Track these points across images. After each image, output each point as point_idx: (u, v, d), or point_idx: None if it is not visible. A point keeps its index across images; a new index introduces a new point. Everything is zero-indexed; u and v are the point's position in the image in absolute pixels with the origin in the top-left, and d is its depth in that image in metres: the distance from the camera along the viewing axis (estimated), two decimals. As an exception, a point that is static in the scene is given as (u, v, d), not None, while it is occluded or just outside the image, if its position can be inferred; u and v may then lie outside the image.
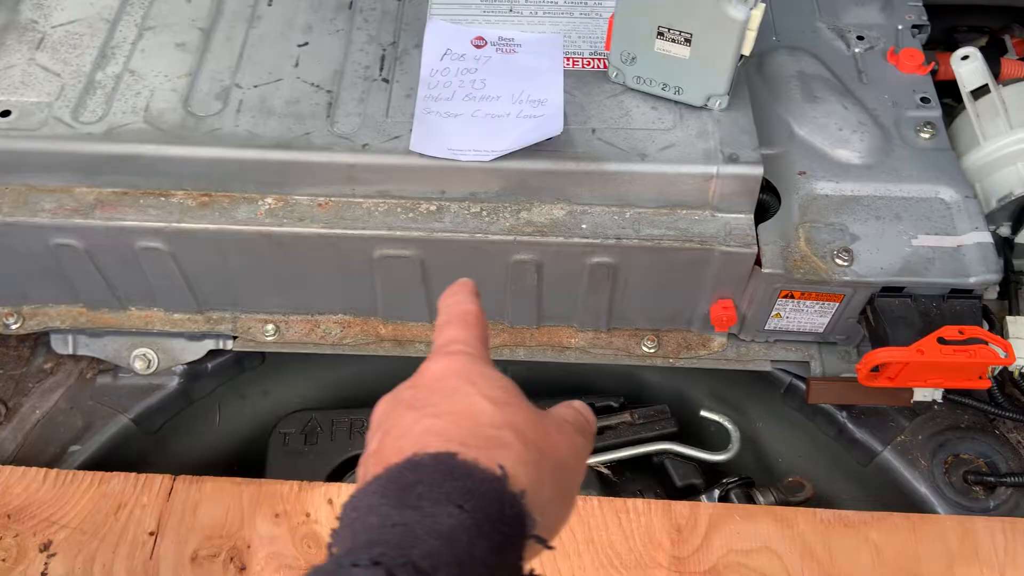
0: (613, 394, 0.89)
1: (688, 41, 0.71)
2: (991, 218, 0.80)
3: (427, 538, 0.34)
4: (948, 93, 0.90)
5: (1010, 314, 0.79)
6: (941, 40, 1.10)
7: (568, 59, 0.80)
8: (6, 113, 0.73)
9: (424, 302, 0.80)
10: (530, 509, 0.37)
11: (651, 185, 0.73)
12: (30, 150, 0.71)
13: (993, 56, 1.06)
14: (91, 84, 0.75)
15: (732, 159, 0.72)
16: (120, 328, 0.82)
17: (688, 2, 0.68)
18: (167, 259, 0.75)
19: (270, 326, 0.82)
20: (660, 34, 0.72)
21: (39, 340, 0.85)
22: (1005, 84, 0.83)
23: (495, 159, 0.71)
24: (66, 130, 0.72)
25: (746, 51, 0.71)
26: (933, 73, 0.93)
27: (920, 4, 0.90)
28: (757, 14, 0.68)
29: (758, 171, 0.72)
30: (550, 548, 0.39)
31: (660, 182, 0.73)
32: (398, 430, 0.40)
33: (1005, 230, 0.81)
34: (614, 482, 0.83)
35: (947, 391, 0.78)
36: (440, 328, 0.47)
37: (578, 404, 0.47)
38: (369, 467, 0.40)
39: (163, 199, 0.74)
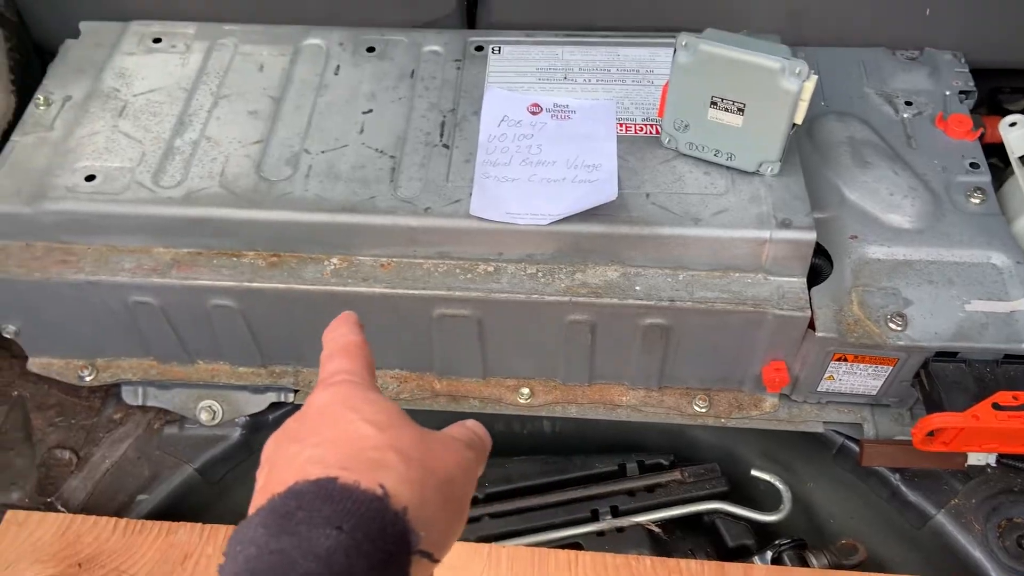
0: (663, 452, 0.90)
1: (741, 111, 0.73)
2: (1044, 283, 0.80)
3: (304, 561, 0.34)
4: (995, 153, 0.91)
5: (1066, 378, 0.79)
6: (985, 100, 1.11)
7: (621, 125, 0.82)
8: (91, 178, 0.77)
9: (479, 359, 0.82)
10: (414, 525, 0.38)
11: (704, 249, 0.75)
12: (113, 213, 0.76)
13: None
14: (170, 150, 0.80)
15: (785, 224, 0.73)
16: (188, 380, 0.85)
17: (742, 75, 0.71)
18: (237, 316, 0.78)
19: (330, 381, 0.84)
20: (713, 104, 0.74)
21: (110, 391, 0.88)
22: (1054, 150, 0.84)
23: (551, 223, 0.74)
24: (147, 194, 0.76)
25: (798, 120, 0.73)
26: (981, 137, 0.94)
27: (967, 70, 0.91)
28: (809, 85, 0.70)
29: (811, 236, 0.73)
30: (436, 562, 0.39)
31: (713, 246, 0.75)
32: (282, 462, 0.41)
33: (1058, 295, 0.81)
34: (665, 541, 0.84)
35: (1001, 455, 0.78)
36: (324, 361, 0.47)
37: (470, 423, 0.48)
38: (256, 501, 0.40)
39: (235, 259, 0.77)
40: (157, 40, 0.90)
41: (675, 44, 0.73)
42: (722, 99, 0.73)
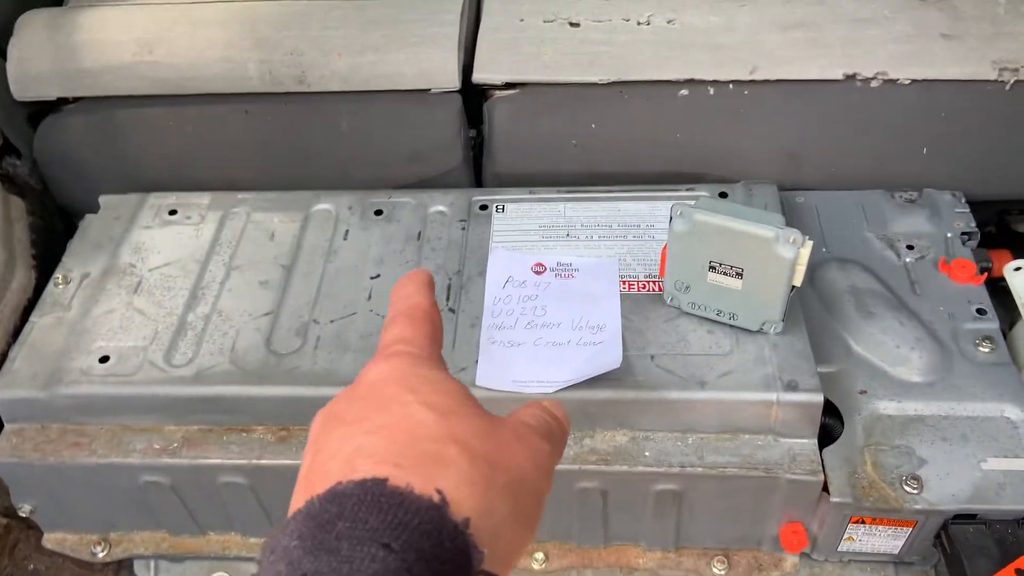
0: (684, 608, 0.87)
1: (740, 275, 0.74)
2: (1062, 431, 0.79)
3: None
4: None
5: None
6: (994, 222, 1.12)
7: (624, 282, 0.83)
8: (105, 359, 0.79)
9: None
10: (476, 540, 0.32)
11: (712, 412, 0.74)
12: (125, 395, 0.77)
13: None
14: (183, 326, 0.82)
15: (791, 387, 0.73)
16: (199, 553, 0.85)
17: (737, 242, 0.72)
18: (247, 491, 0.78)
19: (341, 549, 0.83)
20: (712, 268, 0.75)
21: (122, 564, 0.88)
22: (1061, 293, 0.83)
23: (557, 390, 0.74)
24: (159, 374, 0.78)
25: (797, 283, 0.73)
26: (988, 270, 0.94)
27: (967, 211, 0.92)
28: (805, 252, 0.71)
29: (818, 398, 0.73)
30: None
31: (721, 409, 0.74)
32: (327, 451, 0.35)
33: (1077, 443, 0.79)
34: None
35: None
36: (386, 326, 0.41)
37: (548, 403, 0.41)
38: (296, 497, 0.35)
39: (244, 435, 0.78)
40: (173, 212, 0.93)
41: (670, 211, 0.74)
42: (720, 264, 0.74)
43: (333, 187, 1.01)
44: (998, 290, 0.90)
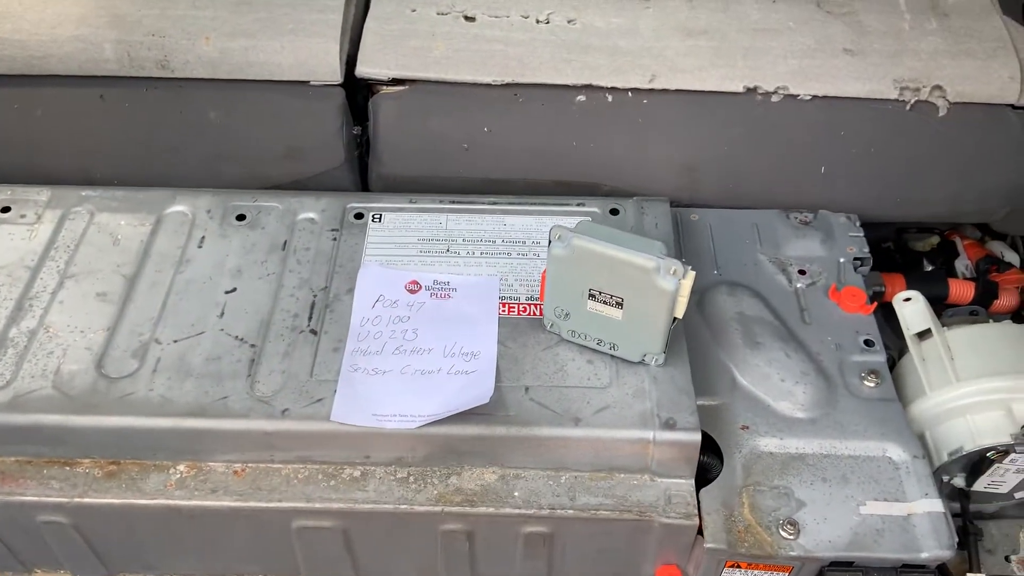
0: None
1: (620, 304, 0.69)
2: (944, 469, 0.77)
3: None
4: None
5: (971, 570, 0.75)
6: (892, 240, 1.11)
7: (504, 304, 0.78)
8: (-94, 380, 0.69)
9: (350, 566, 0.74)
10: None
11: (586, 449, 0.70)
12: (-74, 423, 0.68)
13: (945, 261, 1.07)
14: (2, 342, 0.72)
15: (669, 425, 0.69)
16: (21, 594, 0.76)
17: (617, 271, 0.67)
18: (70, 530, 0.70)
19: (184, 590, 0.76)
20: (591, 296, 0.70)
21: (-68, 606, 0.79)
22: (950, 327, 0.81)
23: (421, 425, 0.68)
24: (-33, 400, 0.68)
25: (679, 314, 0.69)
26: (880, 294, 0.92)
27: (861, 235, 0.90)
28: (687, 283, 0.67)
29: (695, 438, 0.69)
30: None
31: (596, 446, 0.69)
32: None
33: (960, 481, 0.78)
34: None
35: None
36: None
37: None
38: None
39: (68, 468, 0.69)
40: (5, 209, 0.83)
41: (549, 234, 0.69)
42: (600, 292, 0.69)
43: (199, 185, 0.92)
44: (891, 315, 0.88)
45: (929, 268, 1.09)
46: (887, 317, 0.90)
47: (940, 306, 0.96)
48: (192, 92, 0.93)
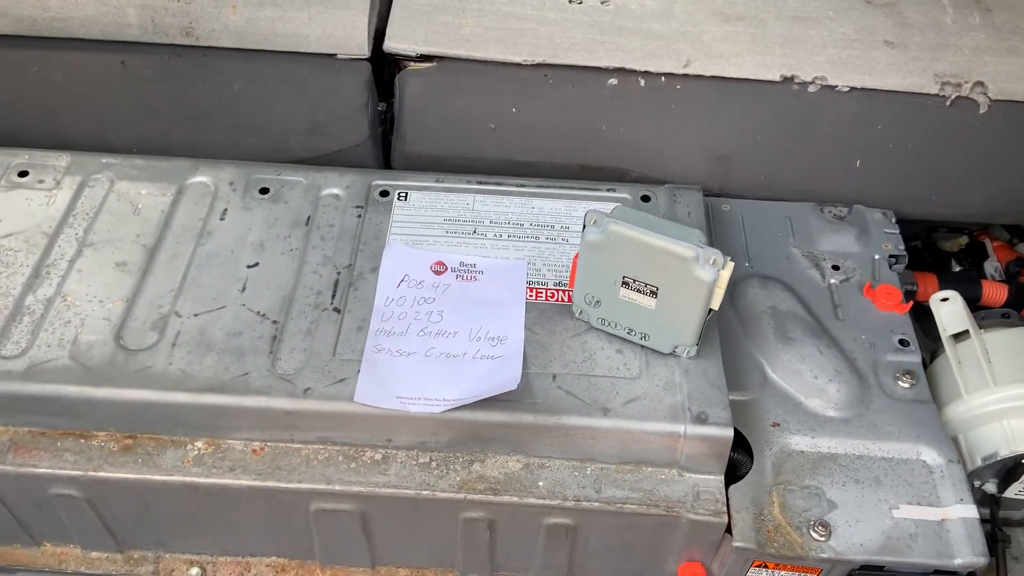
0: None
1: (654, 293, 0.67)
2: (976, 474, 0.75)
3: None
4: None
5: (1000, 577, 0.74)
6: (921, 238, 1.08)
7: (531, 289, 0.76)
8: (-81, 344, 0.68)
9: (366, 550, 0.73)
10: None
11: (614, 441, 0.68)
12: (-61, 388, 0.66)
13: (974, 261, 1.05)
14: (19, 310, 0.71)
15: (700, 419, 0.67)
16: (31, 566, 0.74)
17: (653, 259, 0.65)
18: (83, 504, 0.68)
19: (195, 569, 0.74)
20: (625, 284, 0.68)
21: (-61, 575, 0.77)
22: (987, 329, 0.79)
23: (445, 410, 0.66)
24: (-18, 366, 0.67)
25: (715, 306, 0.67)
26: (912, 293, 0.90)
27: (896, 232, 0.88)
28: (726, 274, 0.65)
29: (728, 433, 0.67)
30: None
31: (624, 439, 0.68)
32: None
33: (991, 487, 0.76)
34: None
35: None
36: None
37: None
38: None
39: (83, 441, 0.68)
40: (23, 173, 0.81)
41: (584, 218, 0.67)
42: (634, 280, 0.67)
43: (222, 154, 0.90)
44: (922, 314, 0.86)
45: (957, 268, 1.07)
46: (916, 317, 0.88)
47: (971, 308, 0.94)
48: (216, 61, 0.90)
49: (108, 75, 0.91)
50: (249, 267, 0.76)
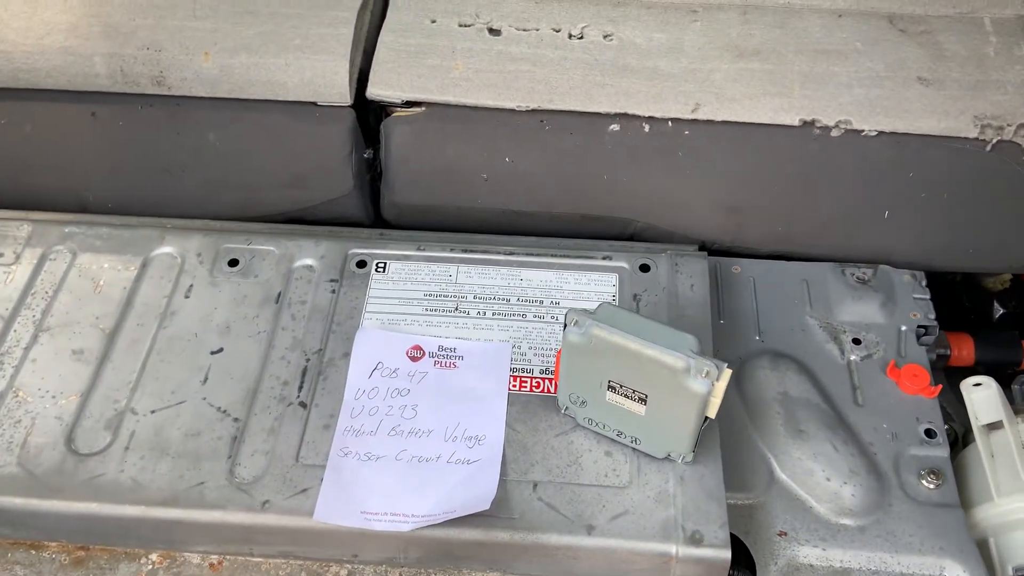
0: None
1: (643, 400, 0.61)
2: (1009, 584, 0.68)
3: None
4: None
5: None
6: (958, 275, 0.99)
7: (515, 378, 0.70)
8: None
9: (338, 660, 0.68)
10: None
11: (600, 561, 0.62)
12: None
13: (1017, 304, 0.96)
14: (-33, 408, 0.67)
15: (695, 540, 0.60)
16: (-7, 667, 0.71)
17: (641, 366, 0.58)
18: (36, 618, 0.65)
19: (162, 673, 0.71)
20: (611, 388, 0.61)
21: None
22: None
23: (415, 528, 0.61)
24: (-77, 479, 0.63)
25: (711, 415, 0.60)
26: (946, 357, 0.82)
27: (927, 298, 0.79)
28: (721, 384, 0.58)
29: (725, 556, 0.60)
30: None
31: (610, 558, 0.62)
32: None
33: (1026, 599, 0.69)
34: None
35: None
36: None
37: None
38: None
39: (33, 552, 0.64)
40: (-18, 246, 0.77)
41: (564, 318, 0.60)
42: (620, 385, 0.61)
43: (198, 208, 0.86)
44: (956, 379, 0.78)
45: (1000, 311, 0.98)
46: (951, 383, 0.80)
47: (1013, 371, 0.85)
48: (190, 111, 0.85)
49: (78, 127, 0.87)
50: (213, 353, 0.71)
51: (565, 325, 0.60)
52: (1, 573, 0.63)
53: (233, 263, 0.77)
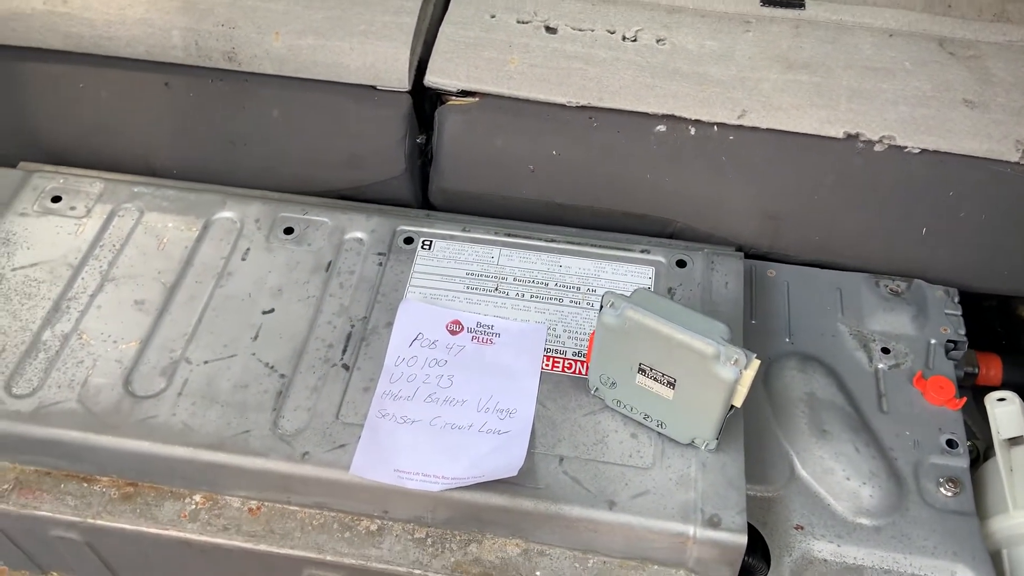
0: None
1: (672, 384, 0.63)
2: (1021, 596, 0.69)
3: None
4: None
5: None
6: (994, 296, 0.99)
7: (548, 358, 0.72)
8: (-64, 377, 0.69)
9: (361, 614, 0.72)
10: None
11: (619, 536, 0.64)
12: (-51, 424, 0.67)
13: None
14: (35, 345, 0.71)
15: (713, 523, 0.62)
16: (38, 593, 0.76)
17: (671, 351, 0.61)
18: (83, 547, 0.69)
19: (195, 613, 0.74)
20: (642, 371, 0.64)
21: (-46, 593, 0.79)
22: (1048, 434, 0.72)
23: (444, 489, 0.64)
24: (-7, 404, 0.67)
25: (737, 403, 0.62)
26: (974, 376, 0.83)
27: (958, 314, 0.80)
28: (750, 373, 0.60)
29: (741, 540, 0.62)
30: None
31: (629, 534, 0.64)
32: None
33: (1037, 612, 0.69)
34: None
35: None
36: None
37: None
38: None
39: (86, 485, 0.68)
40: (56, 199, 0.82)
41: (602, 299, 0.63)
42: (651, 368, 0.63)
43: (258, 181, 0.90)
44: (980, 395, 0.79)
45: (1032, 340, 0.98)
46: (978, 401, 0.81)
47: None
48: (257, 88, 0.89)
49: (152, 95, 0.91)
50: (264, 313, 0.74)
51: (601, 307, 0.63)
52: (53, 502, 0.67)
53: (288, 231, 0.80)
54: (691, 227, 0.88)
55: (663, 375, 0.63)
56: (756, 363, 0.60)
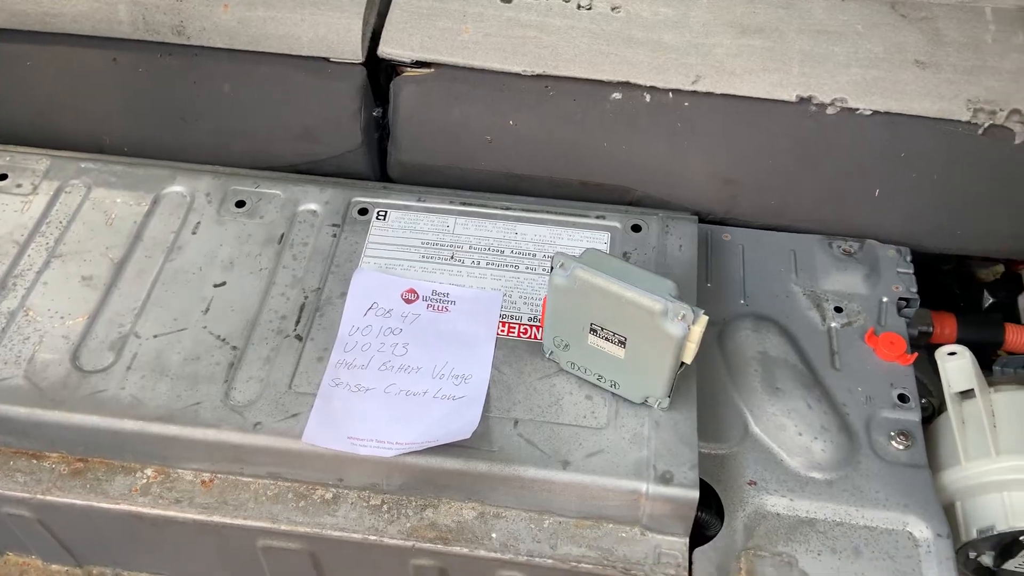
0: None
1: (623, 343, 0.63)
2: (972, 545, 0.70)
3: None
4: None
5: (992, 659, 0.69)
6: (951, 259, 1.01)
7: (504, 324, 0.72)
8: None
9: (320, 584, 0.71)
10: None
11: (573, 495, 0.64)
12: None
13: (1009, 294, 0.98)
14: (-20, 322, 0.70)
15: (665, 479, 0.63)
16: (-8, 575, 0.75)
17: (621, 309, 0.61)
18: (35, 524, 0.68)
19: (153, 589, 0.74)
20: (593, 331, 0.64)
21: (-94, 577, 0.78)
22: (999, 388, 0.73)
23: (398, 455, 0.64)
24: (-65, 384, 0.66)
25: (687, 360, 0.63)
26: (928, 335, 0.84)
27: (910, 273, 0.81)
28: (698, 329, 0.60)
29: (693, 495, 0.63)
30: None
31: (583, 494, 0.64)
32: None
33: (987, 559, 0.70)
34: None
35: None
36: None
37: None
38: None
39: (35, 462, 0.67)
40: (2, 177, 0.80)
41: (551, 260, 0.63)
42: (602, 328, 0.63)
43: (211, 157, 0.88)
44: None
45: (990, 301, 1.00)
46: (934, 360, 0.82)
47: (995, 352, 0.87)
48: (206, 61, 0.88)
49: (100, 72, 0.90)
50: (216, 286, 0.74)
51: (552, 268, 0.62)
52: (2, 479, 0.66)
53: (240, 204, 0.80)
54: (649, 195, 0.88)
55: (614, 334, 0.63)
56: (704, 319, 0.60)
